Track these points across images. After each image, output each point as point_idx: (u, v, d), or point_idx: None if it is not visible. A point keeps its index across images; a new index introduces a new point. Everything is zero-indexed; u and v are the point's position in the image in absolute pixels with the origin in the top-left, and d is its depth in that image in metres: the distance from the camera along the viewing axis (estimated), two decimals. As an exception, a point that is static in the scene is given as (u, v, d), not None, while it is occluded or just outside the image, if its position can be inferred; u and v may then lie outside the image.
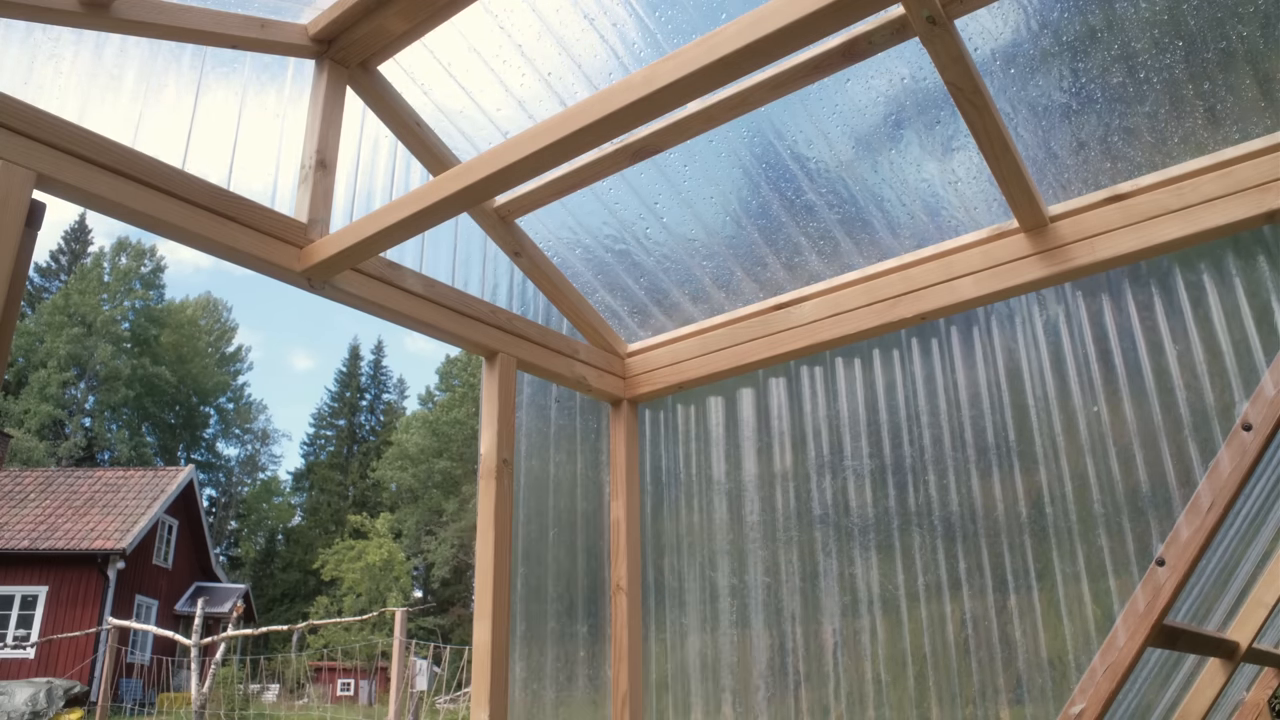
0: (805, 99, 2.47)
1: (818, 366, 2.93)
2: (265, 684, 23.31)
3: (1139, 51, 2.14)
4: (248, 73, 2.56)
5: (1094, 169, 2.34)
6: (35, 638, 21.10)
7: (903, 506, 2.65)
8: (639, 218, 2.94)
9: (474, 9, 2.43)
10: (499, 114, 2.77)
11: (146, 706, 20.10)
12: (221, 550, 51.37)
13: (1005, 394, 2.54)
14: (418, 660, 14.20)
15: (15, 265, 1.82)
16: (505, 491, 2.63)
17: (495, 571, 2.52)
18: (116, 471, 26.30)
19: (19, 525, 22.79)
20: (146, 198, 2.03)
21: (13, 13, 1.95)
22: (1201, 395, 2.22)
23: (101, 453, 46.69)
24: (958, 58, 1.88)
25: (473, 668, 2.51)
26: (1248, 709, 4.14)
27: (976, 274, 2.45)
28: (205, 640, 10.82)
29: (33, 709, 15.06)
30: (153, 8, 2.16)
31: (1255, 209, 2.07)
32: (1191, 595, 2.88)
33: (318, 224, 2.39)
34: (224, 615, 23.85)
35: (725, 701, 2.92)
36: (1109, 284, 2.41)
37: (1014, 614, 2.41)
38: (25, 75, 2.15)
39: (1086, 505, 2.34)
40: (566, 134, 1.82)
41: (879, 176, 2.58)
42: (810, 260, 2.82)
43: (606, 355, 3.18)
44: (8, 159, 1.82)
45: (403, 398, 61.13)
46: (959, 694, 2.48)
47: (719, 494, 3.06)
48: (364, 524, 42.86)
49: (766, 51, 1.62)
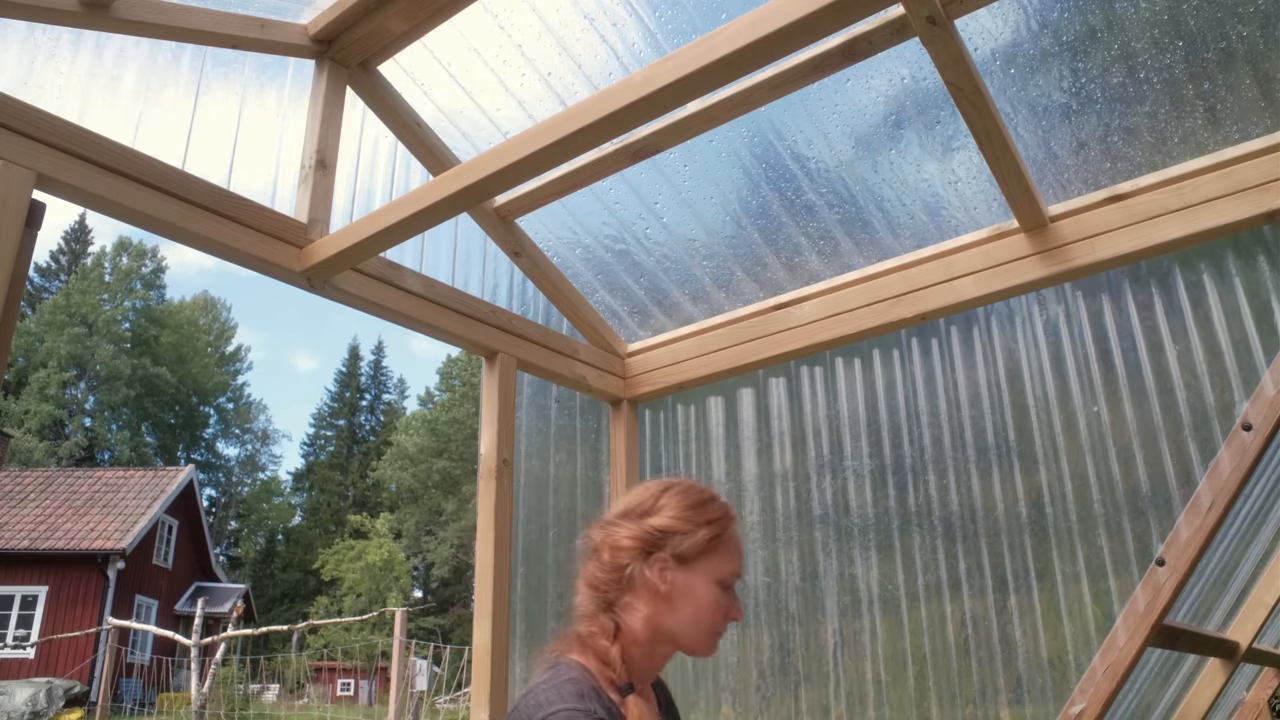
0: (805, 99, 2.47)
1: (818, 366, 2.93)
2: (265, 684, 23.31)
3: (1139, 51, 2.14)
4: (248, 73, 2.56)
5: (1094, 169, 2.34)
6: (35, 638, 21.10)
7: (903, 506, 2.65)
8: (639, 218, 2.94)
9: (474, 9, 2.43)
10: (499, 114, 2.77)
11: (146, 706, 20.10)
12: (221, 550, 51.36)
13: (1005, 394, 2.54)
14: (418, 660, 14.20)
15: (15, 265, 1.82)
16: (505, 491, 2.63)
17: (495, 571, 2.52)
18: (116, 471, 26.30)
19: (19, 525, 22.79)
20: (146, 198, 2.03)
21: (13, 13, 1.95)
22: (1201, 395, 2.22)
23: (101, 453, 46.68)
24: (958, 58, 1.88)
25: (473, 668, 2.51)
26: (1248, 709, 4.14)
27: (976, 274, 2.45)
28: (205, 640, 10.82)
29: (33, 709, 15.06)
30: (153, 8, 2.16)
31: (1255, 209, 2.07)
32: (1191, 595, 2.88)
33: (318, 224, 2.39)
34: (224, 615, 23.83)
35: (725, 701, 2.92)
36: (1109, 284, 2.41)
37: (1014, 614, 2.41)
38: (25, 75, 2.15)
39: (1086, 505, 2.34)
40: (566, 134, 1.82)
41: (879, 176, 2.58)
42: (810, 260, 2.82)
43: (606, 355, 3.18)
44: (8, 159, 1.82)
45: (403, 398, 61.17)
46: (959, 694, 2.48)
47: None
48: (364, 524, 42.86)
49: (766, 51, 1.62)
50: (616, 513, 1.54)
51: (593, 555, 1.52)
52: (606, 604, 1.47)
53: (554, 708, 1.31)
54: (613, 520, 1.52)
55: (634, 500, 1.53)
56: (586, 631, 1.46)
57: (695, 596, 1.47)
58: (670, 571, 1.46)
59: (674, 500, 1.50)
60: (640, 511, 1.50)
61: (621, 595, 1.47)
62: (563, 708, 1.30)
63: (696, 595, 1.47)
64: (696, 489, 1.54)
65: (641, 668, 1.48)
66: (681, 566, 1.47)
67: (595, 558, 1.51)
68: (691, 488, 1.54)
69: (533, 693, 1.37)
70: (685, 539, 1.47)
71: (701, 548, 1.48)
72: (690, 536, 1.47)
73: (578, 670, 1.39)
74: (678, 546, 1.47)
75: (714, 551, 1.49)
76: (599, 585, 1.49)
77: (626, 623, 1.45)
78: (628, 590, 1.46)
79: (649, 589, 1.45)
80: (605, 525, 1.53)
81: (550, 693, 1.34)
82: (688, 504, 1.50)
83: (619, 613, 1.46)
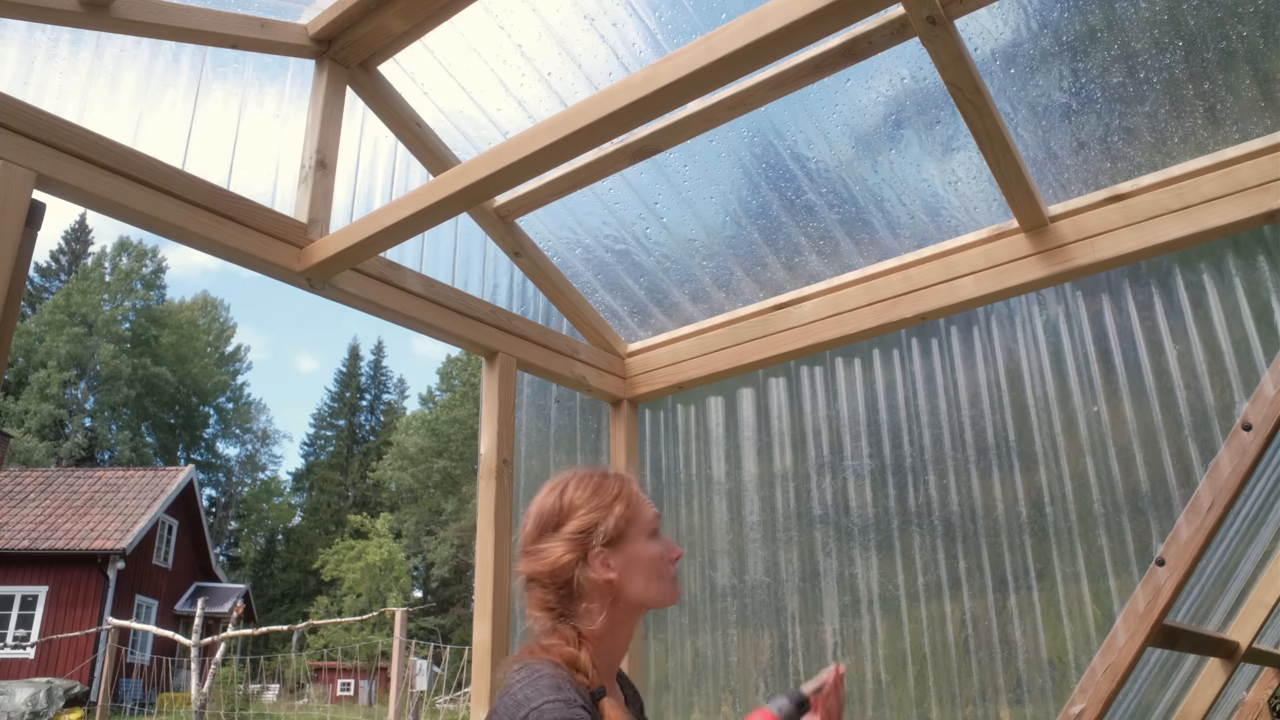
0: (805, 99, 2.47)
1: (818, 366, 2.93)
2: (265, 684, 23.31)
3: (1139, 51, 2.14)
4: (248, 73, 2.56)
5: (1094, 169, 2.34)
6: (35, 638, 21.09)
7: (903, 506, 2.65)
8: (639, 218, 2.94)
9: (474, 9, 2.43)
10: (499, 114, 2.77)
11: (146, 706, 20.10)
12: (221, 550, 51.36)
13: (1005, 394, 2.54)
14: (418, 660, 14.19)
15: (15, 265, 1.82)
16: (505, 491, 2.63)
17: (495, 571, 2.52)
18: (116, 471, 26.29)
19: (19, 525, 22.78)
20: (146, 198, 2.03)
21: (13, 13, 1.95)
22: (1201, 395, 2.22)
23: (101, 453, 46.69)
24: (958, 58, 1.88)
25: (473, 668, 2.51)
26: (1248, 709, 4.14)
27: (976, 274, 2.45)
28: (205, 640, 10.82)
29: (33, 709, 15.06)
30: (153, 8, 2.16)
31: (1255, 209, 2.07)
32: (1191, 595, 2.88)
33: (318, 224, 2.39)
34: (224, 615, 23.83)
35: (725, 701, 2.92)
36: (1109, 284, 2.40)
37: (1014, 614, 2.41)
38: (25, 75, 2.15)
39: (1086, 505, 2.34)
40: (566, 134, 1.82)
41: (879, 176, 2.58)
42: (810, 260, 2.82)
43: (606, 355, 3.18)
44: (8, 159, 1.82)
45: (403, 398, 61.17)
46: (959, 694, 2.48)
47: (719, 494, 3.06)
48: (364, 524, 42.86)
49: (766, 51, 1.62)
50: (530, 536, 1.56)
51: (531, 585, 1.54)
52: (562, 617, 1.51)
53: (535, 703, 1.33)
54: (533, 545, 1.55)
55: (541, 517, 1.56)
56: (549, 643, 1.48)
57: (639, 562, 1.53)
58: (610, 558, 1.51)
59: (576, 496, 1.55)
60: (554, 524, 1.54)
61: (576, 605, 1.50)
62: (544, 701, 1.32)
63: (639, 560, 1.53)
64: (586, 475, 1.59)
65: (608, 663, 1.53)
66: (615, 548, 1.52)
67: (536, 585, 1.53)
68: (583, 477, 1.59)
69: (509, 692, 1.38)
70: (606, 524, 1.52)
71: (623, 522, 1.54)
72: (609, 519, 1.52)
73: (549, 667, 1.41)
74: (605, 535, 1.52)
75: (633, 518, 1.56)
76: (551, 605, 1.51)
77: (587, 629, 1.49)
78: (580, 598, 1.50)
79: (598, 586, 1.50)
80: (530, 553, 1.55)
81: (528, 689, 1.36)
82: (589, 493, 1.55)
83: (578, 621, 1.49)
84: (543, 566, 1.51)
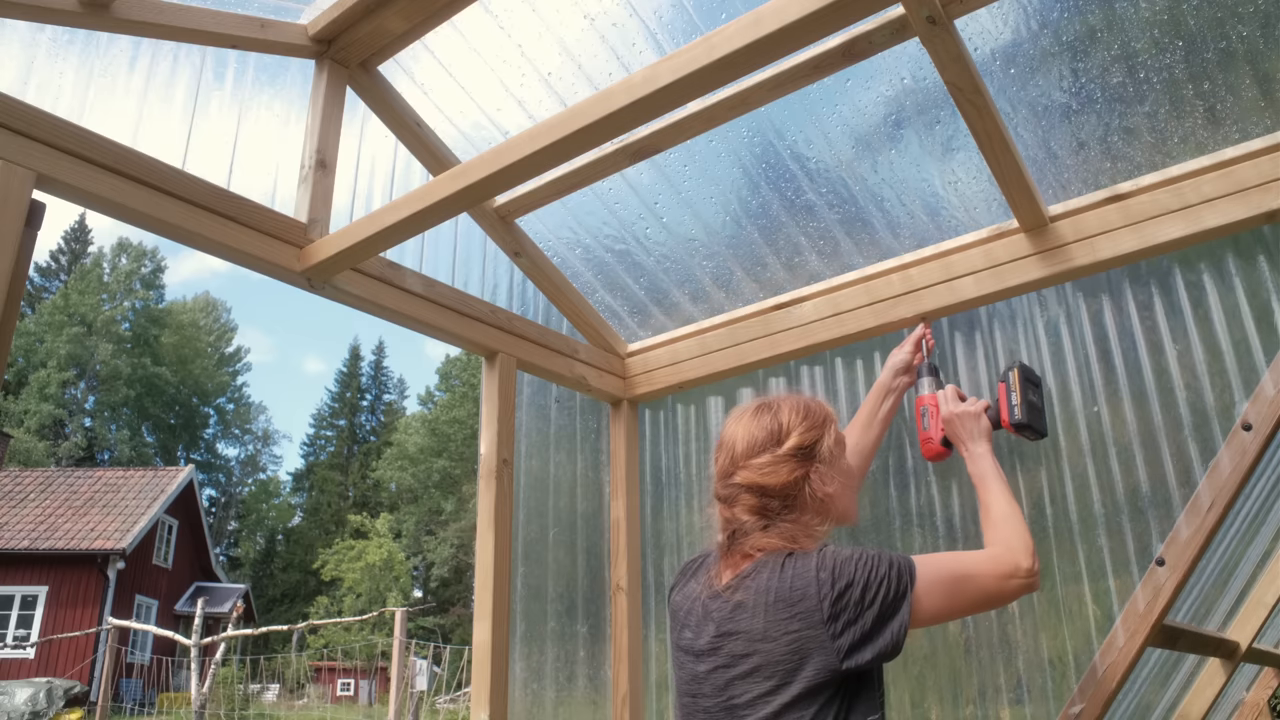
0: (805, 99, 2.47)
1: (818, 366, 2.92)
2: (265, 684, 23.31)
3: (1139, 51, 2.14)
4: (248, 72, 2.56)
5: (1094, 169, 2.34)
6: (35, 638, 21.10)
7: (903, 507, 2.65)
8: (639, 218, 2.94)
9: (474, 9, 2.43)
10: (499, 114, 2.77)
11: (146, 706, 20.10)
12: (221, 550, 51.37)
13: (1005, 394, 2.54)
14: (418, 660, 14.19)
15: (15, 265, 1.82)
16: (505, 491, 2.63)
17: (495, 571, 2.52)
18: (116, 471, 26.31)
19: (19, 525, 22.79)
20: (146, 198, 2.03)
21: (13, 13, 1.95)
22: (1201, 395, 2.22)
23: (101, 453, 46.68)
24: (958, 58, 1.88)
25: (473, 668, 2.51)
26: (1248, 709, 4.15)
27: (977, 274, 2.45)
28: (205, 640, 10.82)
29: (33, 709, 15.06)
30: (153, 8, 2.16)
31: (1255, 209, 2.07)
32: (1191, 595, 2.88)
33: (318, 224, 2.39)
34: (224, 615, 23.83)
35: (725, 701, 2.91)
36: (1109, 284, 2.40)
37: (1014, 614, 2.41)
38: (25, 75, 2.15)
39: (1086, 505, 2.34)
40: (566, 134, 1.82)
41: (879, 176, 2.58)
42: (810, 260, 2.81)
43: (606, 355, 3.18)
44: (8, 159, 1.82)
45: (403, 398, 61.18)
46: (959, 694, 2.48)
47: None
48: (364, 524, 42.86)
49: (766, 51, 1.61)
50: (745, 452, 1.63)
51: (744, 493, 1.61)
52: (771, 526, 1.58)
53: (860, 550, 1.48)
54: (751, 460, 1.61)
55: (753, 435, 1.64)
56: (817, 532, 1.59)
57: (847, 480, 1.67)
58: (827, 475, 1.62)
59: (791, 417, 1.64)
60: (775, 440, 1.62)
61: (790, 515, 1.58)
62: (864, 550, 1.48)
63: (848, 479, 1.67)
64: (789, 398, 1.69)
65: None
66: (831, 465, 1.63)
67: (750, 494, 1.60)
68: (786, 400, 1.69)
69: (825, 553, 1.51)
70: (825, 442, 1.63)
71: (834, 443, 1.65)
72: (826, 437, 1.64)
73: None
74: (822, 452, 1.62)
75: (839, 439, 1.67)
76: (770, 511, 1.58)
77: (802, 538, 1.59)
78: (799, 509, 1.59)
79: (819, 500, 1.59)
80: (749, 466, 1.61)
81: (846, 549, 1.50)
82: (801, 415, 1.65)
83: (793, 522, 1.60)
84: (773, 480, 1.59)
